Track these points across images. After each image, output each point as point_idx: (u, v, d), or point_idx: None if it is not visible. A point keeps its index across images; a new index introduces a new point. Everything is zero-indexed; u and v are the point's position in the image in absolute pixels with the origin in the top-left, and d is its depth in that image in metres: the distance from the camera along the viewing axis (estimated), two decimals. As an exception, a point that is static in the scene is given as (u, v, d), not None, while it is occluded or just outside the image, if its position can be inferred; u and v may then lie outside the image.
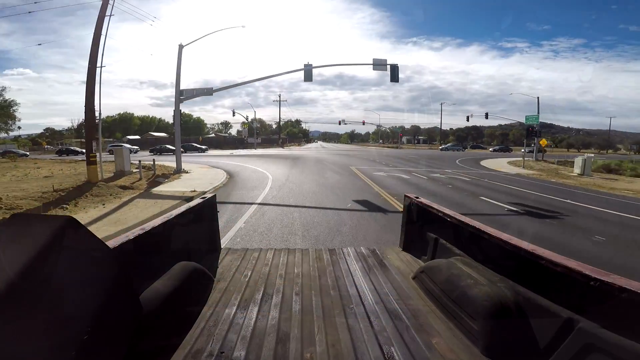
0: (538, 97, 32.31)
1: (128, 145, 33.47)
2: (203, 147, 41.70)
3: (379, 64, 15.80)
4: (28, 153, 35.51)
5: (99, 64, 11.40)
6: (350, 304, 1.94)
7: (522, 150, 27.68)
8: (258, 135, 57.31)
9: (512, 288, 1.63)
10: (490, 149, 51.26)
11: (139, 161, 12.93)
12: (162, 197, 9.33)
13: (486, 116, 39.24)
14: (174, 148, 17.98)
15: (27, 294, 0.88)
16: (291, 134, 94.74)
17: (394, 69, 15.82)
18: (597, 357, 1.14)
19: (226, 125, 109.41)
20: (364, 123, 56.55)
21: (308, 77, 15.65)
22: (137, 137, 67.04)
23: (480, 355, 1.46)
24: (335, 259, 2.69)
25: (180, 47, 15.78)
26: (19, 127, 38.37)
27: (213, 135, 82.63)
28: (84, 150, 38.61)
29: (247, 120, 56.49)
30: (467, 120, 44.14)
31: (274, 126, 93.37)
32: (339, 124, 56.27)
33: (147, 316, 1.36)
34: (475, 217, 5.86)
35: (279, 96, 56.08)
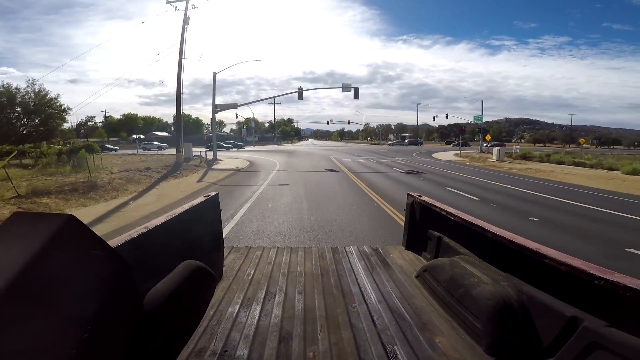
0: (482, 100, 40.91)
1: (190, 143, 41.51)
2: (242, 144, 50.94)
3: (346, 87, 23.78)
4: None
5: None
6: (353, 303, 1.95)
7: (483, 145, 35.57)
8: (256, 134, 64.97)
9: (516, 287, 1.64)
10: (452, 144, 60.25)
11: (200, 152, 20.78)
12: (221, 170, 17.13)
13: (446, 117, 47.73)
14: (226, 145, 26.25)
15: (27, 292, 0.89)
16: (284, 132, 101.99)
17: (356, 90, 23.84)
18: (601, 355, 1.15)
19: (220, 124, 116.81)
20: (349, 122, 64.87)
21: (300, 96, 23.56)
22: (142, 135, 73.49)
23: (484, 354, 1.47)
24: (338, 258, 2.72)
25: (214, 74, 23.45)
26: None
27: (210, 134, 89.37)
28: (116, 148, 44.79)
29: (243, 119, 63.94)
30: (434, 120, 52.93)
31: (267, 125, 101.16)
32: (327, 123, 64.13)
33: (151, 315, 1.39)
34: (374, 174, 15.10)
35: (274, 99, 63.81)
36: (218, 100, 22.51)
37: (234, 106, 23.53)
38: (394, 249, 3.04)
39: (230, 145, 44.07)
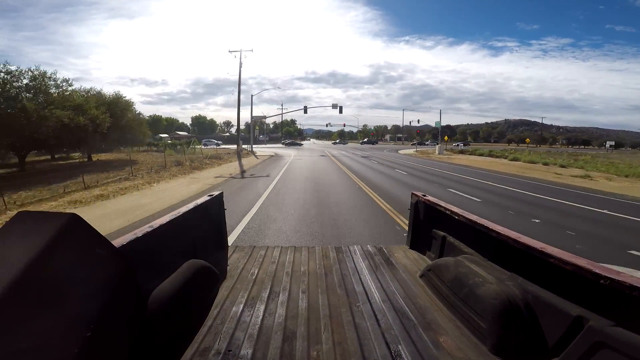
0: (440, 110, 54.10)
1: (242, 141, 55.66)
2: (302, 142, 61.68)
3: (335, 106, 37.55)
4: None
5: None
6: (357, 302, 1.95)
7: (439, 143, 48.45)
8: (266, 134, 78.76)
9: (521, 286, 1.64)
10: (412, 143, 72.16)
11: (247, 146, 34.86)
12: (263, 156, 30.86)
13: (418, 121, 61.38)
14: (299, 142, 43.92)
15: (31, 291, 0.90)
16: (287, 132, 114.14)
17: (340, 107, 37.58)
18: (607, 355, 1.15)
19: (228, 124, 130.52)
20: (344, 125, 77.88)
21: (305, 111, 37.34)
22: (166, 135, 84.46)
23: (488, 353, 1.47)
24: (341, 257, 2.75)
25: (252, 96, 37.19)
26: None
27: (227, 134, 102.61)
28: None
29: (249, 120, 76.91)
30: (410, 123, 66.47)
31: (271, 125, 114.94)
32: (326, 126, 77.26)
33: (155, 314, 1.41)
34: (345, 157, 31.29)
35: (281, 105, 77.53)
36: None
37: (262, 117, 37.22)
38: (398, 248, 3.06)
39: (301, 143, 58.98)
